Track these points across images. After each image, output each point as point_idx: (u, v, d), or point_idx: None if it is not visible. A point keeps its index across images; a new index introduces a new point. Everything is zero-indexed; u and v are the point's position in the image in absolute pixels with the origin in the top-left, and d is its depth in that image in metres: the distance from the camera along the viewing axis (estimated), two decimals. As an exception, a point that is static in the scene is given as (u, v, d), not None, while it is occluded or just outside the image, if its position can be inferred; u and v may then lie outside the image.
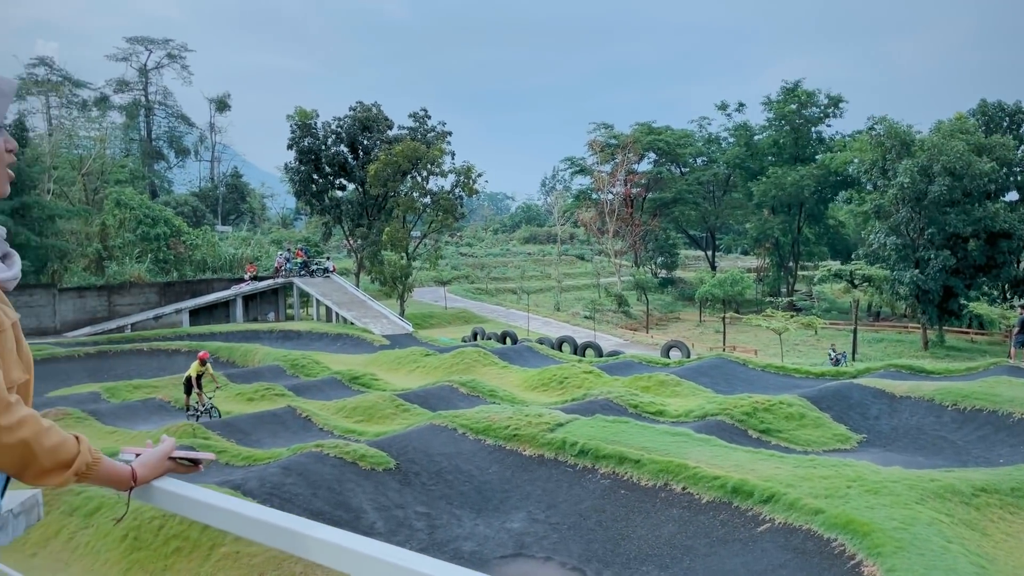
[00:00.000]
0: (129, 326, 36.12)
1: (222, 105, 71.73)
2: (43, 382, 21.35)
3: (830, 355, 32.25)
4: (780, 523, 8.83)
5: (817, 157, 62.75)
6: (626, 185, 63.75)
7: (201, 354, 16.88)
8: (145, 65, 70.47)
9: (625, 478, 11.33)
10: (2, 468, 1.31)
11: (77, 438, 1.40)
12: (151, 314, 37.19)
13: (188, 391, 16.61)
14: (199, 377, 16.46)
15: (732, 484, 10.48)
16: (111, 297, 37.79)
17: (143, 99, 70.45)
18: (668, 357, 28.75)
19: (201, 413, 16.27)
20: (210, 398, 16.59)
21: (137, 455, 1.53)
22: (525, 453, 12.34)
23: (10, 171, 1.48)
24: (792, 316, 39.68)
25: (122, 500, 1.54)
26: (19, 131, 37.79)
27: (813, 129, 64.46)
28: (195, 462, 1.57)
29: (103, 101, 65.61)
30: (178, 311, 37.27)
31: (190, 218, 55.62)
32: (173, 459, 1.55)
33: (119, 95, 69.31)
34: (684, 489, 10.88)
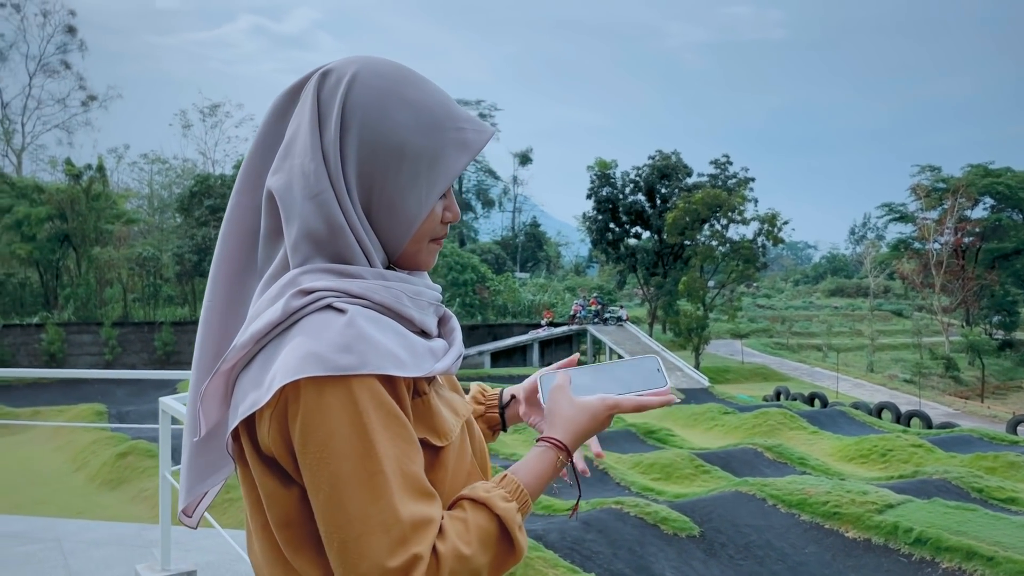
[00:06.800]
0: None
1: (524, 159, 75.94)
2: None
3: None
4: None
5: None
6: (956, 234, 56.63)
7: None
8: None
9: (977, 580, 9.48)
10: None
11: (497, 511, 0.93)
12: (457, 355, 40.05)
13: None
14: None
15: None
16: (422, 338, 41.28)
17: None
18: (1016, 434, 24.53)
19: None
20: None
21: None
22: (848, 535, 10.86)
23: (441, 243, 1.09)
24: None
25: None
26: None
27: None
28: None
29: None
30: (480, 353, 39.39)
31: (493, 265, 59.15)
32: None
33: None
34: (1061, 605, 8.83)
